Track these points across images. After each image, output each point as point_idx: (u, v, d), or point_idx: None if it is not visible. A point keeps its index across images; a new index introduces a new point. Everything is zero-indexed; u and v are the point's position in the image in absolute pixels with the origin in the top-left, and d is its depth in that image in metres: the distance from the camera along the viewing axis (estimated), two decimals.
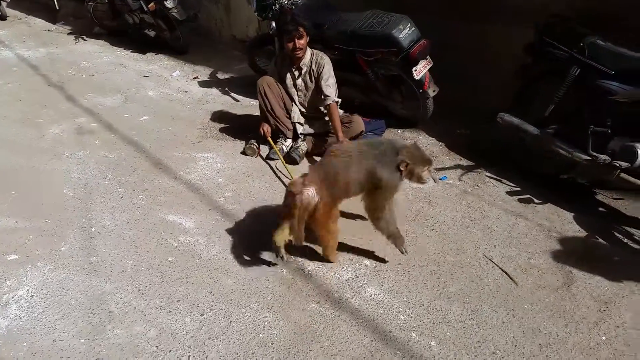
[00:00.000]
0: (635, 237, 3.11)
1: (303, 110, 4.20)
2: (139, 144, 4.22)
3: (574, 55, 3.32)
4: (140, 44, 6.96)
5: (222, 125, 4.65)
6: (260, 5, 4.84)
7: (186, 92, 5.51)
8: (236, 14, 6.79)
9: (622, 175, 3.09)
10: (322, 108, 4.07)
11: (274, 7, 4.77)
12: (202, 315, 2.49)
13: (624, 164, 3.04)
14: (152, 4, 6.43)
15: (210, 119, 4.79)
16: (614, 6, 3.63)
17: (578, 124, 3.34)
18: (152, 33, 6.79)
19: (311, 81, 4.05)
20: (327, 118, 4.10)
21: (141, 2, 6.56)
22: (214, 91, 5.54)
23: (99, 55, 6.73)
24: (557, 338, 2.40)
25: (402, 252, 2.82)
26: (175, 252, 2.94)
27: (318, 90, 3.99)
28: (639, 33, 3.35)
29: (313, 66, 3.99)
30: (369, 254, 2.95)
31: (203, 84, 5.75)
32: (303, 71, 4.03)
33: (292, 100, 4.16)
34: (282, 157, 3.92)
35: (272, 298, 2.60)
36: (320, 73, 3.94)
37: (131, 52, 6.89)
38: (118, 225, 3.18)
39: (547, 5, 3.82)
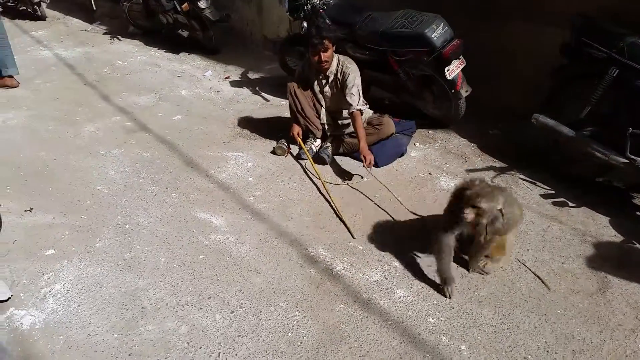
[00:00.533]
0: None
1: (331, 114, 4.21)
2: (172, 143, 4.30)
3: (613, 55, 3.24)
4: (173, 44, 7.07)
5: (253, 125, 4.70)
6: (292, 6, 4.87)
7: (218, 91, 5.58)
8: (267, 15, 6.84)
9: None
10: (345, 112, 4.07)
11: (305, 7, 4.78)
12: (232, 312, 2.52)
13: None
14: (185, 4, 6.53)
15: (241, 119, 4.84)
16: None
17: (615, 126, 3.25)
18: (185, 33, 6.89)
19: (337, 89, 4.05)
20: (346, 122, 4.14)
21: (175, 2, 6.67)
22: (245, 91, 5.59)
23: (133, 54, 6.88)
24: (591, 345, 2.34)
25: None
26: (206, 250, 2.99)
27: (342, 97, 3.97)
28: None
29: (339, 75, 3.98)
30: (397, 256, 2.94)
31: (234, 83, 5.82)
32: (330, 80, 4.03)
33: (321, 107, 4.17)
34: (311, 158, 3.93)
35: (300, 297, 2.62)
36: (345, 81, 3.92)
37: (165, 52, 7.01)
38: (151, 222, 3.24)
39: (580, 5, 3.73)
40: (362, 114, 3.91)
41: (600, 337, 2.38)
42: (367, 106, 4.06)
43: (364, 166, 3.71)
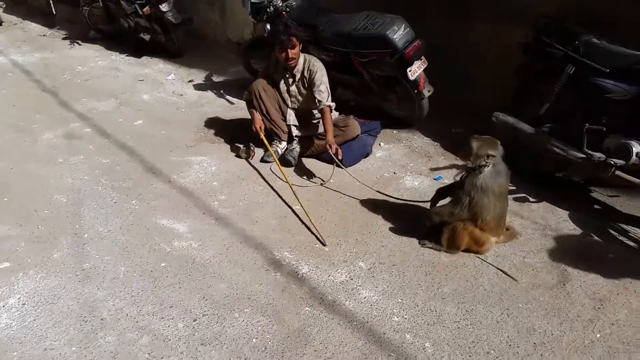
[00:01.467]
0: (631, 234, 3.11)
1: (298, 113, 4.19)
2: (133, 149, 4.21)
3: (569, 53, 3.31)
4: (135, 48, 6.94)
5: (217, 129, 4.64)
6: (254, 8, 4.84)
7: (181, 95, 5.50)
8: (231, 17, 6.79)
9: (617, 172, 3.07)
10: (315, 112, 4.06)
11: (268, 10, 4.76)
12: (195, 320, 2.48)
13: (619, 162, 3.02)
14: (147, 8, 6.42)
15: (205, 122, 4.78)
16: (606, 4, 3.62)
17: (573, 122, 3.33)
18: (147, 37, 6.78)
19: (304, 88, 4.03)
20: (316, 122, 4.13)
21: (136, 6, 6.56)
22: (209, 94, 5.53)
23: (94, 59, 6.73)
24: (552, 337, 2.38)
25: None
26: (168, 257, 2.93)
27: (311, 96, 3.98)
28: (632, 31, 3.34)
29: (305, 73, 3.98)
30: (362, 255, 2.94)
31: (198, 87, 5.75)
32: (297, 78, 4.01)
33: (287, 106, 4.15)
34: (277, 159, 3.90)
35: (265, 302, 2.59)
36: (313, 79, 3.92)
37: (126, 56, 6.88)
38: (111, 231, 3.16)
39: (541, 4, 3.81)
40: (331, 111, 3.92)
41: (560, 329, 2.43)
42: (334, 106, 4.06)
43: (330, 153, 3.70)
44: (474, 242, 2.87)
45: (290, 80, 4.04)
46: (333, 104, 3.96)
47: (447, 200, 3.04)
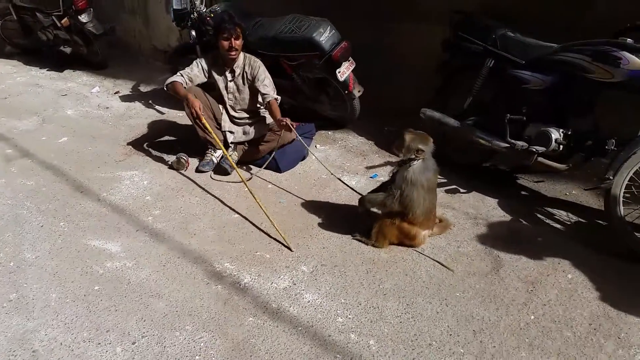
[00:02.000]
0: (556, 217, 3.28)
1: (234, 114, 4.13)
2: (58, 168, 4.01)
3: (488, 47, 3.46)
4: (56, 61, 6.63)
5: (147, 141, 4.51)
6: (177, 15, 4.75)
7: (107, 108, 5.30)
8: (155, 25, 6.62)
9: (540, 159, 3.23)
10: (259, 106, 4.07)
11: (192, 16, 4.68)
12: (133, 343, 2.38)
13: (540, 149, 3.19)
14: (65, 19, 6.17)
15: (134, 135, 4.63)
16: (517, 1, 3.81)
17: (495, 113, 3.48)
18: (67, 49, 6.50)
19: (244, 84, 4.00)
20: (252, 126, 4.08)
21: (53, 17, 6.27)
22: (137, 105, 5.36)
23: (12, 76, 6.36)
24: (490, 322, 2.47)
25: None
26: (101, 280, 2.80)
27: (254, 92, 3.96)
28: (543, 23, 3.53)
29: (246, 69, 3.95)
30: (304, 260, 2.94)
31: (125, 98, 5.56)
32: (236, 74, 3.97)
33: (224, 105, 4.08)
34: (225, 151, 3.82)
35: (207, 317, 2.53)
36: (255, 75, 3.91)
37: (47, 70, 6.56)
38: (39, 256, 2.99)
39: (455, 2, 3.96)
40: (278, 102, 3.92)
41: (497, 314, 2.52)
42: (280, 99, 4.06)
43: (282, 123, 3.69)
44: (404, 236, 2.94)
45: (230, 75, 3.99)
46: (279, 97, 3.97)
47: None
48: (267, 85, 3.92)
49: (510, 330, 2.42)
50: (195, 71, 3.97)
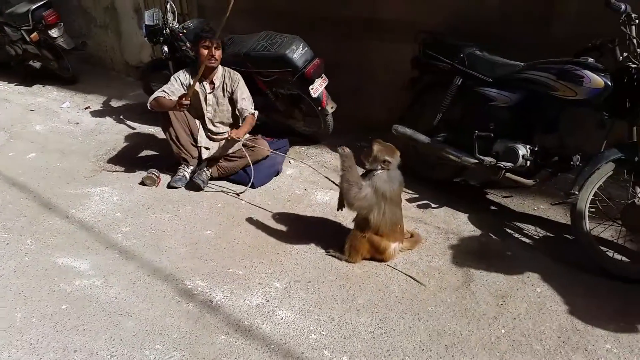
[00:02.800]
0: (525, 231, 3.34)
1: (212, 127, 4.12)
2: (25, 184, 3.92)
3: (456, 66, 3.54)
4: (25, 76, 6.54)
5: (118, 156, 4.46)
6: (150, 31, 4.73)
7: (77, 123, 5.22)
8: (128, 40, 6.57)
9: (508, 174, 3.30)
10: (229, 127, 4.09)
11: (164, 32, 4.68)
12: None
13: (508, 165, 3.26)
14: (34, 34, 6.08)
15: (105, 151, 4.57)
16: (480, 21, 3.93)
17: (464, 130, 3.55)
18: (37, 64, 6.42)
19: (224, 96, 4.01)
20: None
21: (22, 32, 6.17)
22: (108, 120, 5.29)
23: None
24: (461, 337, 2.49)
25: None
26: (69, 298, 2.74)
27: (233, 106, 3.99)
28: (508, 42, 3.64)
29: (226, 80, 3.98)
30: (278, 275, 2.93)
31: (96, 113, 5.49)
32: (216, 86, 3.98)
33: (202, 119, 4.07)
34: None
35: (178, 336, 2.49)
36: (235, 89, 3.95)
37: (15, 85, 6.46)
38: (4, 275, 2.91)
39: (419, 23, 4.06)
40: (255, 117, 3.98)
41: (468, 329, 2.54)
42: (257, 114, 4.08)
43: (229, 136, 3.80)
44: (375, 249, 2.96)
45: (209, 88, 3.99)
46: (256, 112, 4.01)
47: None
48: (245, 99, 3.97)
49: (481, 345, 2.45)
50: (176, 86, 3.96)
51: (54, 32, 6.02)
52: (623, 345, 2.40)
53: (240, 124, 4.00)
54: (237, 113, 4.02)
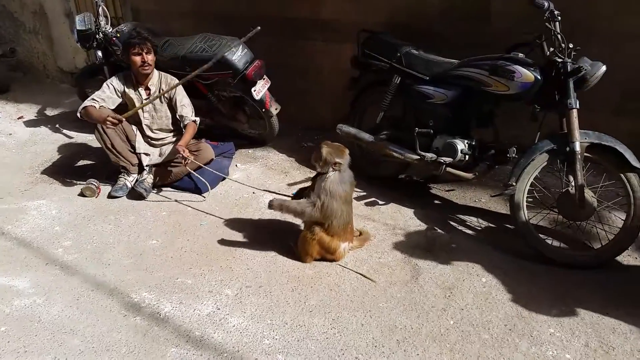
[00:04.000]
0: (468, 223, 3.45)
1: (150, 134, 4.01)
2: None
3: (394, 65, 3.61)
4: None
5: (55, 167, 4.29)
6: (82, 35, 4.56)
7: (10, 134, 4.97)
8: (60, 46, 6.30)
9: (448, 169, 3.41)
10: (170, 133, 4.02)
11: (97, 37, 4.52)
12: None
13: (448, 160, 3.36)
14: None
15: (41, 162, 4.38)
16: (420, 19, 4.03)
17: (406, 127, 3.64)
18: None
19: (161, 102, 3.92)
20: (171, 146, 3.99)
21: None
22: (43, 130, 5.07)
23: None
24: (412, 330, 2.54)
25: None
26: (8, 320, 2.60)
27: (172, 111, 3.91)
28: (443, 40, 3.75)
29: (163, 86, 3.89)
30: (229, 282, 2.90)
31: (29, 123, 5.24)
32: (152, 92, 3.89)
33: (139, 125, 3.96)
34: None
35: (126, 351, 2.41)
36: (174, 95, 3.87)
37: None
38: None
39: (361, 22, 4.11)
40: (197, 125, 3.92)
41: (418, 322, 2.60)
42: (199, 121, 4.02)
43: (182, 157, 3.70)
44: (325, 250, 2.98)
45: (145, 94, 3.90)
46: (197, 119, 3.94)
47: None
48: (185, 106, 3.90)
49: (431, 337, 2.50)
50: (108, 93, 3.83)
51: None
52: (565, 328, 2.51)
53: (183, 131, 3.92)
54: (178, 120, 3.94)
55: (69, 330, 2.54)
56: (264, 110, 4.29)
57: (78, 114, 3.78)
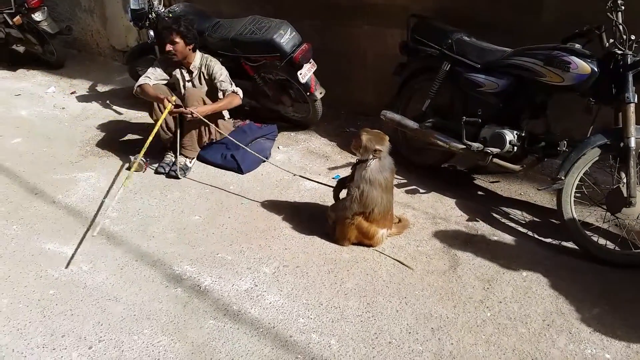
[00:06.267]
0: (511, 216, 3.37)
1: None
2: (11, 170, 3.88)
3: (444, 51, 3.54)
4: (8, 60, 6.42)
5: (105, 142, 4.42)
6: (135, 15, 4.67)
7: (63, 108, 5.16)
8: (113, 24, 6.47)
9: (495, 160, 3.32)
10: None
11: (150, 16, 4.62)
12: (90, 348, 2.33)
13: (495, 150, 3.28)
14: (17, 17, 5.95)
15: (91, 136, 4.53)
16: (471, 5, 3.92)
17: (453, 115, 3.57)
18: (20, 48, 6.31)
19: (200, 83, 4.01)
20: None
21: (4, 15, 6.04)
22: (94, 105, 5.23)
23: None
24: (447, 320, 2.52)
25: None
26: (57, 284, 2.73)
27: (213, 92, 3.97)
28: (496, 29, 3.64)
29: (203, 69, 3.98)
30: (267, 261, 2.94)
31: (82, 98, 5.42)
32: (194, 74, 3.99)
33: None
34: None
35: (166, 320, 2.49)
36: (211, 73, 3.94)
37: None
38: None
39: (408, 7, 4.04)
40: (238, 96, 3.97)
41: (454, 312, 2.57)
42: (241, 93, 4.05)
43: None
44: (363, 235, 2.98)
45: (187, 76, 4.01)
46: (239, 90, 3.99)
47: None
48: (223, 80, 3.96)
49: (467, 328, 2.48)
50: (159, 71, 3.98)
51: (37, 16, 5.90)
52: (606, 328, 2.44)
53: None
54: (220, 95, 4.00)
55: (112, 298, 2.64)
56: (308, 94, 4.29)
57: (134, 92, 3.92)
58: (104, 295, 2.65)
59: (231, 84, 3.99)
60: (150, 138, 3.60)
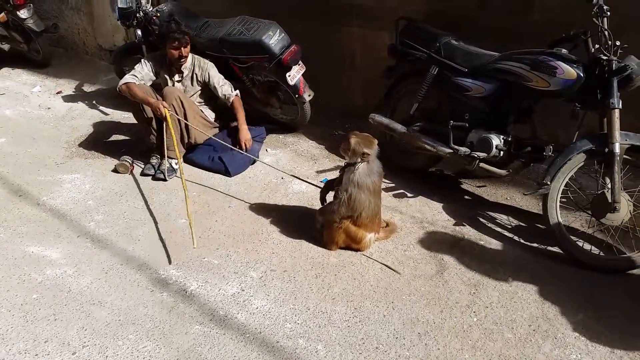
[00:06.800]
0: (497, 220, 3.39)
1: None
2: None
3: (432, 55, 3.55)
4: None
5: (90, 143, 4.37)
6: (123, 14, 4.62)
7: (49, 108, 5.09)
8: (101, 23, 6.40)
9: (481, 164, 3.34)
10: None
11: (138, 15, 4.57)
12: (73, 354, 2.30)
13: (482, 155, 3.29)
14: (2, 14, 5.86)
15: (77, 137, 4.47)
16: (460, 8, 3.94)
17: (440, 119, 3.58)
18: (5, 46, 6.23)
19: (192, 85, 3.98)
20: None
21: None
22: (80, 106, 5.17)
23: None
24: (434, 325, 2.53)
25: None
26: (40, 288, 2.69)
27: (206, 94, 4.01)
28: (485, 32, 3.66)
29: (196, 70, 3.96)
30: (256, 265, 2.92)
31: (68, 98, 5.35)
32: (185, 75, 3.96)
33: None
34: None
35: (151, 325, 2.47)
36: (208, 79, 3.96)
37: None
38: None
39: (398, 9, 4.05)
40: (239, 97, 4.06)
41: (441, 317, 2.58)
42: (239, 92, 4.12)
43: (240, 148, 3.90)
44: (350, 239, 2.98)
45: (178, 76, 3.99)
46: (238, 91, 4.08)
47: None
48: (223, 85, 3.99)
49: (454, 333, 2.48)
50: (146, 70, 3.95)
51: (22, 13, 5.82)
52: (591, 333, 2.46)
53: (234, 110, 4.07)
54: (222, 101, 4.07)
55: (97, 302, 2.61)
56: (297, 96, 4.28)
57: (118, 89, 3.85)
58: (89, 300, 2.62)
59: (231, 87, 4.02)
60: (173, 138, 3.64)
